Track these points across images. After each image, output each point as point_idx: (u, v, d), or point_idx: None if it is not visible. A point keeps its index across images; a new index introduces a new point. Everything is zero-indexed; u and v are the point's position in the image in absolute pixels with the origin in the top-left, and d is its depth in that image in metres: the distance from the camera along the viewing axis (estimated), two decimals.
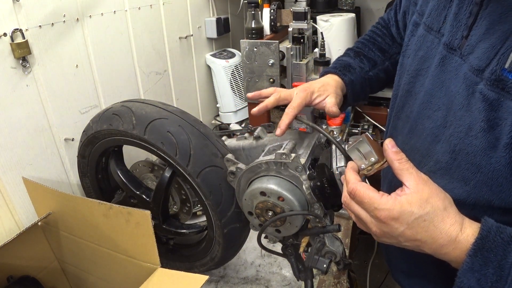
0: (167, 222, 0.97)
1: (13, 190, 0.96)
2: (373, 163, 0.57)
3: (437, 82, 0.62)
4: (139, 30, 1.34)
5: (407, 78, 0.72)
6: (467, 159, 0.55)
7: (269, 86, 1.40)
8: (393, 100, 0.80)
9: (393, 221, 0.50)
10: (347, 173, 0.57)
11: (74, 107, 1.13)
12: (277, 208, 0.73)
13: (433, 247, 0.51)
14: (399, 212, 0.49)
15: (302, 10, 1.38)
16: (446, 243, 0.50)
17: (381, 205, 0.50)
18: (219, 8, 1.81)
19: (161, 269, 0.77)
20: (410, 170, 0.52)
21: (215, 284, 1.04)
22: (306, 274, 0.80)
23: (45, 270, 0.98)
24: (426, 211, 0.49)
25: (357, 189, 0.53)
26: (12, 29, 0.91)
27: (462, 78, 0.56)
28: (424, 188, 0.51)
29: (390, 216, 0.50)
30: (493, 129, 0.50)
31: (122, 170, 0.98)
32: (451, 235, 0.49)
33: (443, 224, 0.49)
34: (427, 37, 0.67)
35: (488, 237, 0.48)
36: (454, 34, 0.59)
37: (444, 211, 0.50)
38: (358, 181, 0.54)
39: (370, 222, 0.53)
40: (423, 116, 0.65)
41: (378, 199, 0.51)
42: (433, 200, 0.50)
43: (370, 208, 0.52)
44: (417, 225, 0.50)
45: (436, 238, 0.50)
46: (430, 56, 0.66)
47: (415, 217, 0.49)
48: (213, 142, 0.84)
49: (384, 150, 0.54)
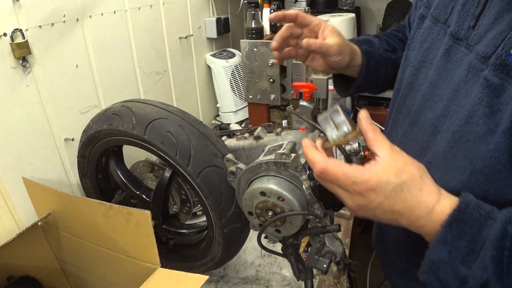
0: (167, 222, 0.97)
1: (13, 190, 0.96)
2: (346, 134, 0.54)
3: (441, 73, 0.61)
4: (139, 30, 1.34)
5: (410, 70, 0.71)
6: (465, 146, 0.54)
7: (269, 86, 1.40)
8: (395, 94, 0.78)
9: (370, 192, 0.49)
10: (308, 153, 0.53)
11: (74, 107, 1.13)
12: (277, 208, 0.73)
13: (410, 218, 0.50)
14: (376, 182, 0.48)
15: (302, 10, 1.38)
16: (424, 215, 0.49)
17: (358, 178, 0.49)
18: (219, 8, 1.81)
19: (161, 269, 0.77)
20: (383, 141, 0.51)
21: (215, 284, 1.04)
22: (306, 274, 0.80)
23: (45, 270, 0.98)
24: (403, 180, 0.48)
25: (328, 168, 0.50)
26: (12, 29, 0.91)
27: (467, 67, 0.54)
28: (398, 157, 0.50)
29: (368, 187, 0.48)
30: (494, 115, 0.49)
31: (122, 170, 0.98)
32: (428, 205, 0.48)
33: (421, 193, 0.49)
34: (433, 29, 0.66)
35: (466, 210, 0.47)
36: (461, 24, 0.58)
37: (420, 179, 0.49)
38: (325, 158, 0.52)
39: (346, 196, 0.52)
40: (425, 108, 0.64)
41: (353, 173, 0.49)
42: (408, 169, 0.49)
43: (347, 183, 0.50)
44: (395, 195, 0.48)
45: (414, 208, 0.49)
46: (435, 47, 0.64)
47: (393, 186, 0.48)
48: (213, 142, 0.84)
49: (358, 120, 0.53)
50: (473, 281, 0.45)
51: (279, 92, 1.41)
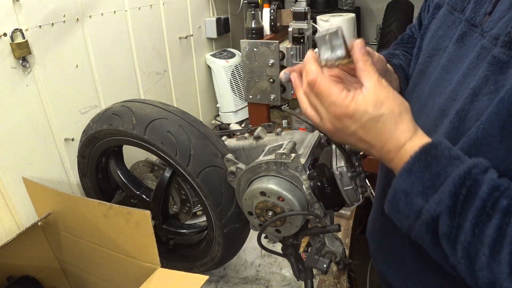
0: (167, 222, 0.97)
1: (13, 190, 0.96)
2: (338, 58, 0.54)
3: (453, 59, 0.60)
4: (139, 30, 1.34)
5: (422, 58, 0.70)
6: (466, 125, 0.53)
7: (269, 86, 1.40)
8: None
9: (346, 118, 0.50)
10: (308, 63, 0.54)
11: (74, 107, 1.13)
12: (277, 208, 0.73)
13: (381, 151, 0.51)
14: (353, 110, 0.49)
15: (302, 10, 1.38)
16: (394, 149, 0.50)
17: (338, 101, 0.50)
18: (219, 8, 1.81)
19: (161, 269, 0.77)
20: (372, 73, 0.51)
21: (215, 284, 1.04)
22: (306, 274, 0.80)
23: (45, 270, 0.98)
24: (381, 112, 0.49)
25: (318, 81, 0.52)
26: (12, 29, 0.91)
27: (479, 49, 0.54)
28: (382, 90, 0.50)
29: (345, 113, 0.50)
30: (498, 91, 0.49)
31: (122, 170, 0.98)
32: (400, 141, 0.50)
33: (395, 128, 0.50)
34: (448, 17, 0.65)
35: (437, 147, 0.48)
36: (477, 11, 0.57)
37: (398, 116, 0.50)
38: (319, 72, 0.53)
39: (325, 117, 0.53)
40: (434, 94, 0.63)
41: (336, 94, 0.50)
42: (389, 103, 0.50)
43: (327, 102, 0.51)
44: (369, 125, 0.50)
45: (385, 142, 0.50)
46: (449, 35, 0.63)
47: (369, 117, 0.49)
48: (213, 142, 0.84)
49: (351, 48, 0.53)
50: (427, 213, 0.46)
51: (279, 92, 1.41)
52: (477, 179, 0.44)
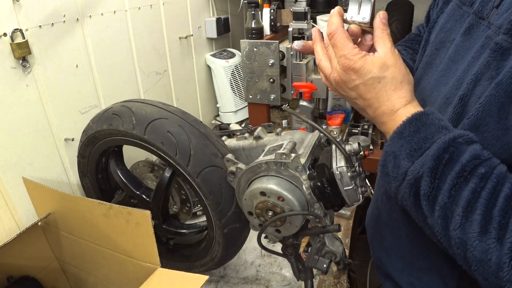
0: (167, 222, 0.97)
1: (13, 190, 0.96)
2: (361, 22, 0.60)
3: (460, 50, 0.62)
4: (139, 30, 1.34)
5: (429, 50, 0.71)
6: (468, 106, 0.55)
7: (269, 86, 1.40)
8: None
9: (352, 72, 0.55)
10: (333, 16, 0.59)
11: (74, 107, 1.13)
12: (277, 208, 0.73)
13: (376, 111, 0.55)
14: (360, 66, 0.54)
15: (302, 10, 1.38)
16: (388, 112, 0.54)
17: (349, 54, 0.54)
18: (219, 8, 1.81)
19: (161, 269, 0.77)
20: (386, 42, 0.56)
21: (215, 284, 1.04)
22: (306, 274, 0.80)
23: (45, 270, 0.98)
24: (384, 75, 0.54)
25: (336, 33, 0.56)
26: (12, 29, 0.91)
27: (484, 39, 0.56)
28: (392, 57, 0.55)
29: (352, 67, 0.54)
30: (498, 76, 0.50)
31: (122, 170, 0.98)
32: (394, 106, 0.53)
33: (393, 93, 0.54)
34: (457, 11, 0.66)
35: (428, 116, 0.51)
36: (485, 4, 0.59)
37: (399, 84, 0.54)
38: (340, 25, 0.57)
39: (335, 67, 0.57)
40: (440, 83, 0.64)
41: (349, 49, 0.55)
42: (394, 70, 0.54)
43: (339, 53, 0.56)
44: (371, 83, 0.54)
45: (381, 103, 0.54)
46: (457, 28, 0.65)
47: (372, 75, 0.54)
48: (213, 142, 0.84)
49: (375, 18, 0.58)
50: (411, 174, 0.49)
51: (279, 92, 1.41)
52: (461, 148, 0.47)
